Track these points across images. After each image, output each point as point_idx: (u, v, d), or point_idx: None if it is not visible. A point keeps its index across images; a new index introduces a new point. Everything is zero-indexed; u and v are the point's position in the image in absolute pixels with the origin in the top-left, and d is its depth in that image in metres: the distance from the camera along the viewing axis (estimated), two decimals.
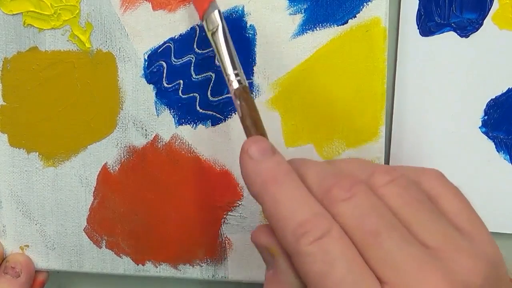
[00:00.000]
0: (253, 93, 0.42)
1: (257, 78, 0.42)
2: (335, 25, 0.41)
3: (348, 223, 0.32)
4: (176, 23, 0.41)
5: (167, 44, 0.42)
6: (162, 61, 0.42)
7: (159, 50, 0.42)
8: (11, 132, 0.43)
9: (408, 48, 0.42)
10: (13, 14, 0.41)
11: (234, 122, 0.42)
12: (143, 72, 0.42)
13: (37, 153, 0.43)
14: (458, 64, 0.42)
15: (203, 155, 0.43)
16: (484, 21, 0.41)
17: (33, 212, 0.44)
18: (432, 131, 0.43)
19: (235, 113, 0.42)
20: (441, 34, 0.42)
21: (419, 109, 0.43)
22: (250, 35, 0.41)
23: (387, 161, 0.43)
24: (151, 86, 0.42)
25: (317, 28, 0.41)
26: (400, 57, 0.42)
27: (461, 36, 0.42)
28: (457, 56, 0.42)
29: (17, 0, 0.41)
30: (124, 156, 0.43)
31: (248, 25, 0.41)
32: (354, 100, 0.42)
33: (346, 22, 0.41)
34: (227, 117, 0.42)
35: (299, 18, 0.41)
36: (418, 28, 0.42)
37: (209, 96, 0.42)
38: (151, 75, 0.42)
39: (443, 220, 0.33)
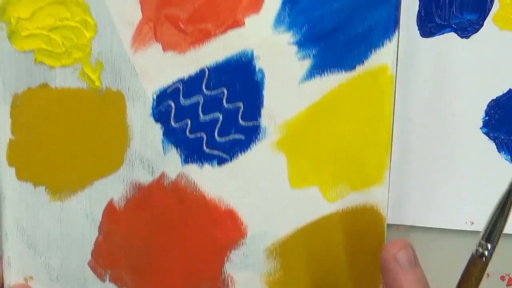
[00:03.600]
0: (260, 134, 0.42)
1: (264, 120, 0.42)
2: (343, 71, 0.41)
3: None
4: (186, 64, 0.42)
5: (176, 84, 0.42)
6: (170, 101, 0.42)
7: (168, 90, 0.42)
8: (18, 166, 0.44)
9: (409, 49, 0.42)
10: (25, 51, 0.42)
11: (239, 163, 0.43)
12: (151, 111, 0.42)
13: (44, 187, 0.44)
14: (459, 64, 0.42)
15: (208, 193, 0.43)
16: (485, 22, 0.41)
17: (38, 245, 0.45)
18: (433, 130, 0.43)
19: (240, 154, 0.43)
20: (441, 35, 0.42)
21: (420, 109, 0.43)
22: (258, 78, 0.42)
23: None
24: (159, 125, 0.43)
25: (325, 73, 0.42)
26: (401, 58, 0.42)
27: (462, 37, 0.42)
28: (457, 56, 0.42)
29: (29, 37, 0.42)
30: (130, 193, 0.44)
31: (257, 68, 0.42)
32: (360, 144, 0.42)
33: (354, 68, 0.41)
34: (233, 158, 0.43)
35: (307, 63, 0.41)
36: (418, 29, 0.42)
37: (216, 136, 0.43)
38: (159, 114, 0.43)
39: None
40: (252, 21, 0.41)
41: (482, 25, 0.41)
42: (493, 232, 0.36)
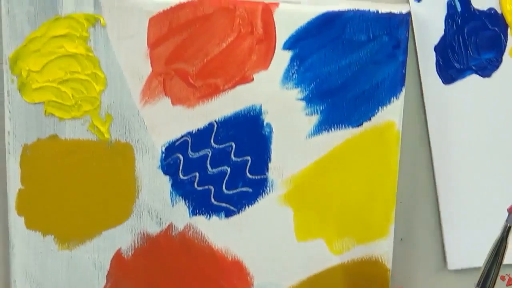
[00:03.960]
0: (267, 188, 0.43)
1: (271, 174, 0.43)
2: (350, 127, 0.42)
3: None
4: (194, 118, 0.42)
5: (184, 138, 0.43)
6: (179, 153, 0.43)
7: (176, 143, 0.43)
8: (28, 215, 0.44)
9: (434, 99, 0.43)
10: (35, 103, 0.42)
11: (247, 215, 0.43)
12: (160, 163, 0.43)
13: (53, 236, 0.44)
14: (486, 103, 0.43)
15: (215, 244, 0.44)
16: (503, 58, 0.42)
17: None
18: (477, 167, 0.43)
19: (248, 206, 0.43)
20: (463, 79, 0.42)
21: (461, 152, 0.43)
22: (266, 132, 0.42)
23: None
24: (167, 177, 0.43)
25: (333, 129, 0.42)
26: (429, 108, 0.43)
27: (484, 77, 0.42)
28: (483, 95, 0.43)
29: (39, 89, 0.42)
30: (138, 242, 0.44)
31: (265, 123, 0.42)
32: (365, 199, 0.43)
33: (361, 124, 0.42)
34: (241, 210, 0.43)
35: (315, 118, 0.42)
36: (440, 78, 0.42)
37: (224, 189, 0.43)
38: (168, 166, 0.43)
39: None
40: (261, 77, 0.42)
41: (501, 61, 0.42)
42: (487, 280, 0.37)
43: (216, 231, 0.44)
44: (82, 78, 0.42)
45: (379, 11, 0.41)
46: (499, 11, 0.41)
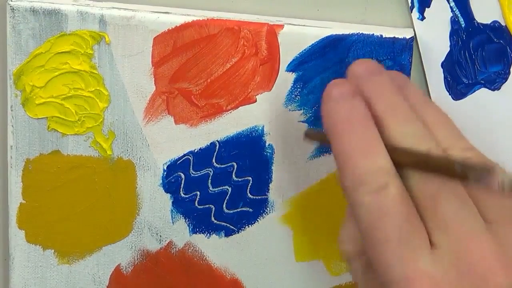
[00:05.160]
0: (268, 208, 0.43)
1: (272, 195, 0.43)
2: None
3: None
4: (197, 137, 0.42)
5: (186, 156, 0.43)
6: (180, 172, 0.43)
7: (178, 162, 0.43)
8: (28, 229, 0.44)
9: None
10: (38, 118, 0.42)
11: (246, 234, 0.44)
12: (161, 181, 0.43)
13: (53, 250, 0.44)
14: (498, 115, 0.43)
15: (215, 263, 0.44)
16: (511, 69, 0.42)
17: None
18: None
19: (248, 226, 0.44)
20: (473, 94, 0.43)
21: None
22: (268, 153, 0.42)
23: None
24: (169, 195, 0.43)
25: None
26: None
27: (493, 90, 0.42)
28: (494, 108, 0.43)
29: (42, 105, 0.42)
30: (137, 259, 0.44)
31: (266, 144, 0.42)
32: None
33: None
34: (241, 229, 0.44)
35: None
36: (449, 94, 0.43)
37: (224, 208, 0.43)
38: (169, 185, 0.43)
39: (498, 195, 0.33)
40: (264, 98, 0.42)
41: (509, 73, 0.42)
42: None
43: (215, 250, 0.44)
44: (85, 95, 0.42)
45: (383, 36, 0.41)
46: (502, 24, 0.42)
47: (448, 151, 0.34)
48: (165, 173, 0.43)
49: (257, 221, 0.43)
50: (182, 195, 0.43)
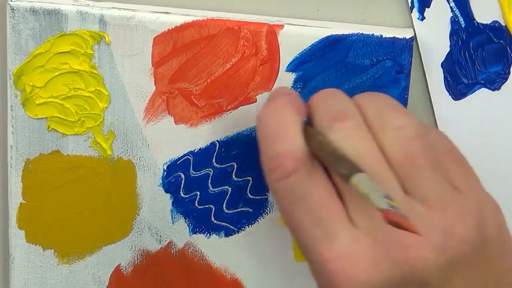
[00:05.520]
0: (268, 208, 0.43)
1: (272, 194, 0.43)
2: None
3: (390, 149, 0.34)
4: (197, 137, 0.42)
5: (186, 156, 0.43)
6: (180, 172, 0.43)
7: (178, 162, 0.43)
8: (28, 229, 0.44)
9: (445, 116, 0.43)
10: (38, 118, 0.42)
11: (246, 234, 0.44)
12: (161, 181, 0.43)
13: (53, 250, 0.44)
14: (498, 115, 0.43)
15: (215, 263, 0.44)
16: (511, 69, 0.42)
17: None
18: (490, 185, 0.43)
19: (248, 226, 0.44)
20: (473, 94, 0.43)
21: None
22: None
23: None
24: (168, 195, 0.43)
25: None
26: (440, 125, 0.43)
27: (493, 90, 0.42)
28: (495, 108, 0.43)
29: (42, 105, 0.42)
30: (137, 259, 0.44)
31: None
32: None
33: None
34: (241, 230, 0.44)
35: None
36: (449, 94, 0.43)
37: (224, 208, 0.43)
38: (169, 185, 0.43)
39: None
40: (264, 98, 0.42)
41: (509, 73, 0.42)
42: None
43: (215, 250, 0.44)
44: (85, 95, 0.42)
45: (383, 36, 0.41)
46: (502, 24, 0.42)
47: (383, 128, 0.34)
48: (165, 173, 0.43)
49: (257, 221, 0.43)
50: (182, 195, 0.43)
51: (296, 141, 0.34)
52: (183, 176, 0.43)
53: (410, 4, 0.42)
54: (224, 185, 0.43)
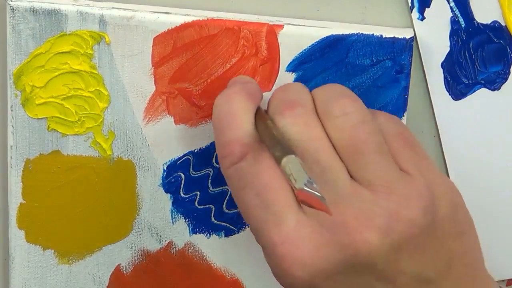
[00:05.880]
0: None
1: None
2: None
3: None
4: (197, 137, 0.42)
5: (186, 156, 0.43)
6: (180, 172, 0.43)
7: (178, 162, 0.43)
8: (28, 229, 0.44)
9: (445, 116, 0.43)
10: (38, 118, 0.42)
11: (246, 234, 0.44)
12: (161, 181, 0.43)
13: (53, 250, 0.44)
14: (498, 115, 0.43)
15: (215, 263, 0.44)
16: (511, 69, 0.42)
17: None
18: (484, 185, 0.44)
19: (248, 226, 0.43)
20: (473, 94, 0.43)
21: (471, 169, 0.43)
22: None
23: None
24: (169, 195, 0.43)
25: None
26: (440, 125, 0.43)
27: (493, 90, 0.43)
28: (495, 108, 0.43)
29: (42, 105, 0.42)
30: (137, 259, 0.44)
31: None
32: None
33: None
34: (241, 230, 0.44)
35: None
36: (449, 94, 0.43)
37: (224, 208, 0.43)
38: (169, 185, 0.43)
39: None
40: (264, 98, 0.42)
41: (509, 73, 0.42)
42: None
43: (215, 250, 0.44)
44: (85, 95, 0.42)
45: (383, 36, 0.41)
46: (502, 24, 0.42)
47: (329, 115, 0.35)
48: (165, 173, 0.43)
49: None
50: (182, 195, 0.43)
51: (245, 127, 0.34)
52: (183, 176, 0.43)
53: (410, 4, 0.42)
54: (224, 185, 0.43)
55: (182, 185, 0.43)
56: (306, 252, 0.32)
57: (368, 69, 0.41)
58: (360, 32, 0.41)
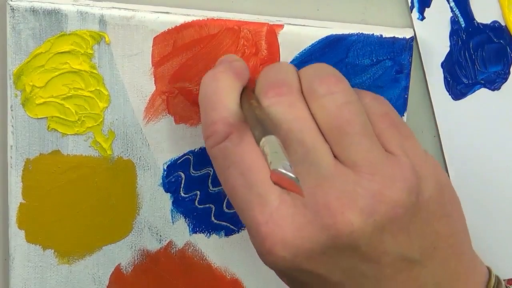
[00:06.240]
0: None
1: None
2: None
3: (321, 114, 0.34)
4: (197, 137, 0.42)
5: (186, 156, 0.43)
6: (180, 171, 0.43)
7: (178, 161, 0.43)
8: (28, 229, 0.44)
9: (445, 116, 0.43)
10: (38, 118, 0.42)
11: (246, 234, 0.43)
12: (161, 181, 0.43)
13: (53, 250, 0.44)
14: (498, 115, 0.43)
15: (215, 263, 0.44)
16: (511, 69, 0.42)
17: None
18: (484, 185, 0.44)
19: None
20: (473, 94, 0.43)
21: (471, 170, 0.44)
22: None
23: None
24: (169, 194, 0.43)
25: None
26: (440, 125, 0.43)
27: (493, 90, 0.43)
28: (495, 108, 0.43)
29: (42, 105, 0.42)
30: (137, 259, 0.44)
31: None
32: None
33: None
34: (241, 229, 0.44)
35: None
36: (449, 94, 0.43)
37: (224, 208, 0.43)
38: (169, 184, 0.43)
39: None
40: None
41: (509, 73, 0.42)
42: None
43: (215, 249, 0.44)
44: (85, 94, 0.42)
45: (383, 36, 0.41)
46: (502, 24, 0.42)
47: (314, 96, 0.35)
48: (165, 172, 0.43)
49: None
50: (182, 194, 0.43)
51: (230, 107, 0.34)
52: (183, 175, 0.43)
53: (410, 4, 0.42)
54: None
55: (182, 185, 0.43)
56: (289, 232, 0.32)
57: (368, 69, 0.41)
58: (360, 32, 0.41)
